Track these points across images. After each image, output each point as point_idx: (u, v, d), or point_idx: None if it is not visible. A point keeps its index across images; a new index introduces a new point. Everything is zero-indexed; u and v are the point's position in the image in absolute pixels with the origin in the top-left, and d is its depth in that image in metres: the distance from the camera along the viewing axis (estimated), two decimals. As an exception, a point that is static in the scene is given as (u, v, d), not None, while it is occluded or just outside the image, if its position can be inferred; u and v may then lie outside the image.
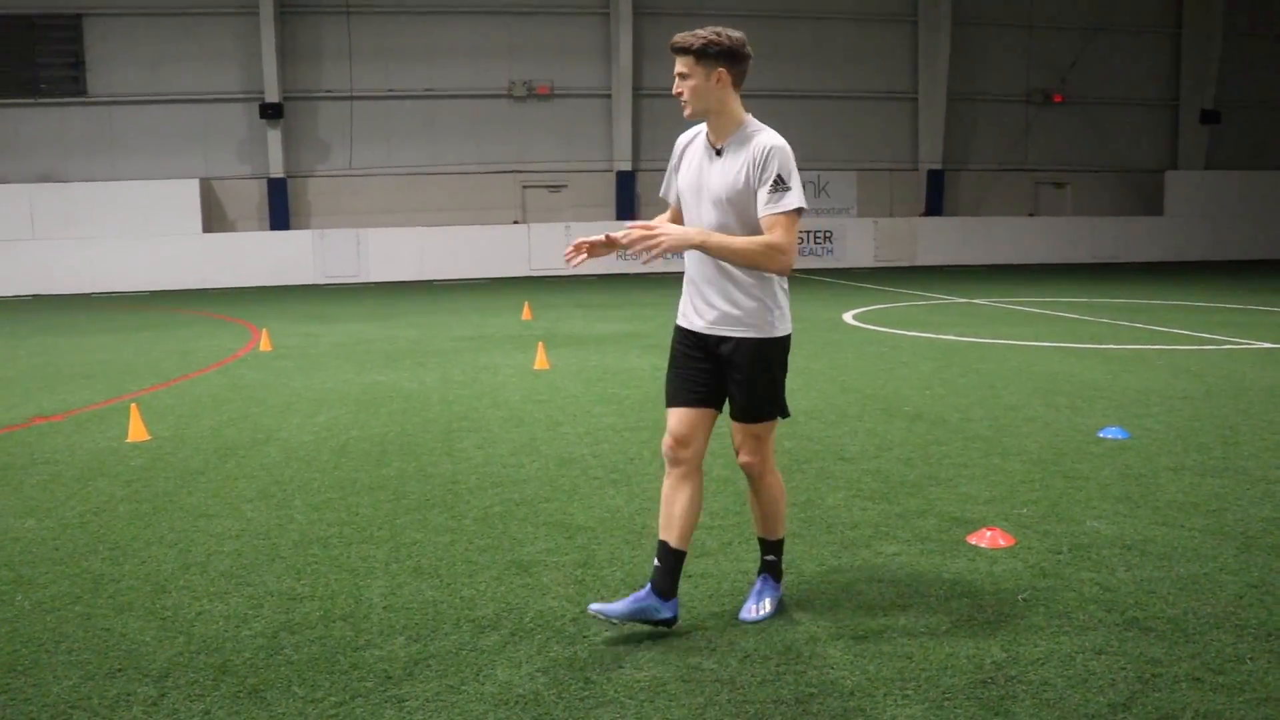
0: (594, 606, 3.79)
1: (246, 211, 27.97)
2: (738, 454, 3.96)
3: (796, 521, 5.13)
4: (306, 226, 28.02)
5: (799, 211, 3.67)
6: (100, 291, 25.23)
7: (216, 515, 5.53)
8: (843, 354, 11.23)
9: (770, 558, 4.08)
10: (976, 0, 30.79)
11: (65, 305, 21.67)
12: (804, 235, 29.09)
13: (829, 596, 4.15)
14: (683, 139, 4.11)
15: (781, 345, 3.85)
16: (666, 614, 3.78)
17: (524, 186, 29.03)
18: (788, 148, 3.79)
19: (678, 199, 4.05)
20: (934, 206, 30.95)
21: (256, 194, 27.88)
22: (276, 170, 27.54)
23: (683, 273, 4.02)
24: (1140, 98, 32.53)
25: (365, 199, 28.43)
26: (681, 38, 3.82)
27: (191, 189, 26.43)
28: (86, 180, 26.67)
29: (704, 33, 3.79)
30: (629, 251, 3.73)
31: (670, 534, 3.84)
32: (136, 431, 7.54)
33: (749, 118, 3.88)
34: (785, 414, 3.90)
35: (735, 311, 3.77)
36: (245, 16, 27.18)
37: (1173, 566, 4.41)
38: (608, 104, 29.05)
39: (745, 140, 3.80)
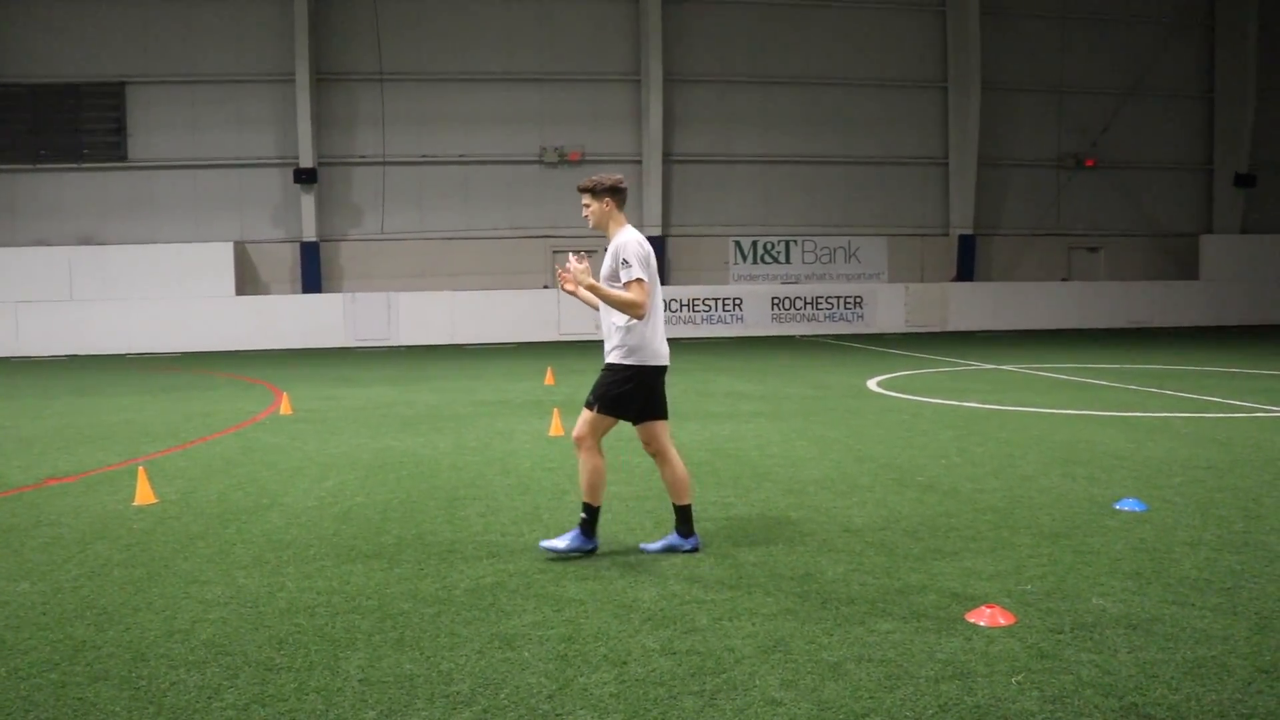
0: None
1: (279, 274, 28.31)
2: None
3: (791, 597, 5.00)
4: (338, 290, 28.31)
5: (640, 281, 5.60)
6: (135, 352, 25.54)
7: (209, 581, 5.47)
8: (861, 422, 11.09)
9: (584, 516, 5.81)
10: (1006, 65, 30.90)
11: (99, 366, 21.93)
12: (834, 300, 29.03)
13: (815, 676, 4.01)
14: None
15: (624, 370, 5.76)
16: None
17: (555, 251, 29.19)
18: (633, 241, 5.69)
19: None
20: (965, 271, 30.80)
21: (289, 257, 28.23)
22: (310, 234, 27.90)
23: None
24: (1174, 161, 32.41)
25: (397, 263, 28.71)
26: (581, 184, 5.86)
27: (226, 252, 26.81)
28: (124, 243, 27.15)
29: (595, 178, 5.84)
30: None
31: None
32: (143, 494, 7.54)
33: (625, 227, 5.84)
34: (594, 409, 5.83)
35: (609, 347, 5.85)
36: (281, 84, 27.76)
37: (1179, 648, 4.23)
38: (638, 170, 29.25)
39: (615, 240, 5.78)
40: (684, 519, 5.88)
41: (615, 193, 5.84)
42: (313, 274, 27.95)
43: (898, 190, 31.04)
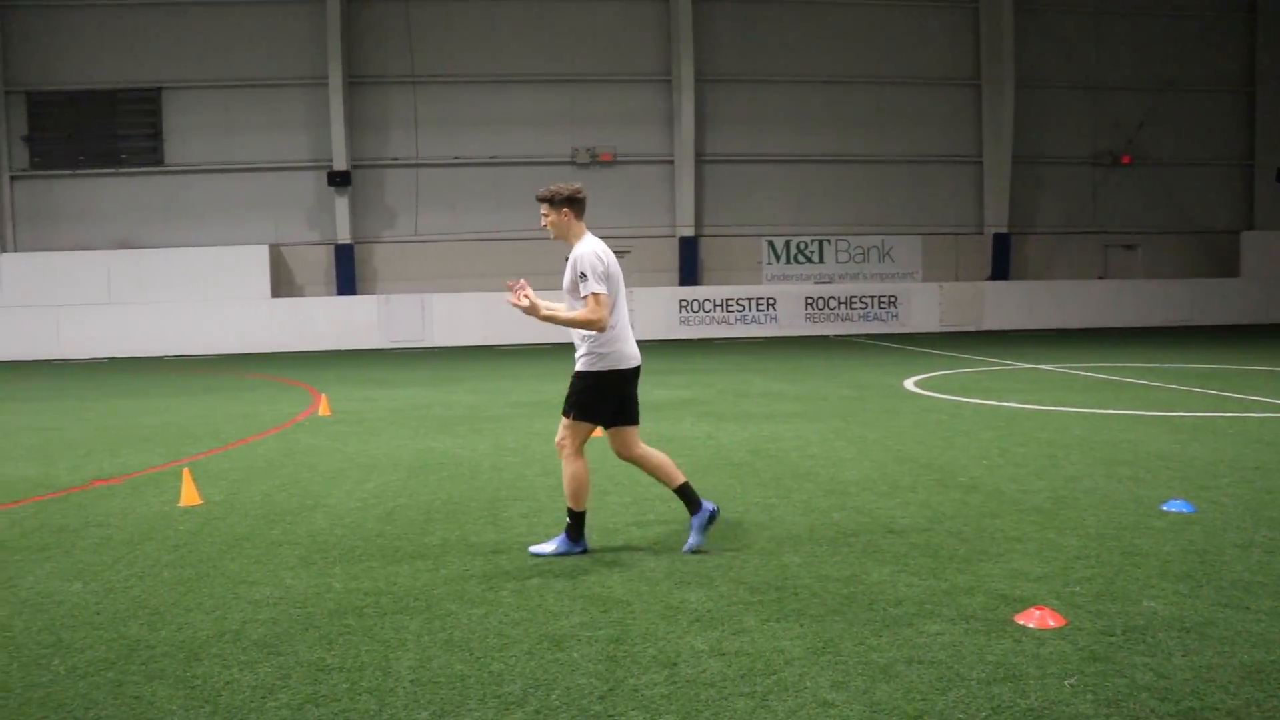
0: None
1: (314, 277, 28.53)
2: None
3: (838, 598, 4.99)
4: (372, 291, 28.50)
5: (597, 294, 5.60)
6: (172, 354, 25.81)
7: (257, 582, 5.52)
8: (900, 422, 11.04)
9: (569, 521, 5.90)
10: (1040, 61, 30.67)
11: (137, 368, 22.18)
12: (869, 300, 28.89)
13: (866, 678, 4.00)
14: None
15: (592, 376, 5.80)
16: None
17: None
18: (591, 253, 5.69)
19: None
20: (1000, 270, 30.58)
21: (324, 260, 28.45)
22: (344, 236, 28.10)
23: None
24: (1213, 157, 32.02)
25: (430, 264, 28.85)
26: (539, 193, 5.88)
27: (261, 255, 27.05)
28: (161, 246, 27.46)
29: (553, 187, 5.88)
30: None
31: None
32: (189, 496, 7.62)
33: (585, 236, 5.85)
34: (570, 416, 5.86)
35: (577, 355, 5.86)
36: (315, 88, 27.98)
37: (1235, 653, 4.18)
38: (670, 170, 29.26)
39: (574, 251, 5.78)
40: (688, 497, 5.93)
41: (573, 202, 5.86)
42: (347, 276, 28.15)
43: (931, 189, 30.87)
